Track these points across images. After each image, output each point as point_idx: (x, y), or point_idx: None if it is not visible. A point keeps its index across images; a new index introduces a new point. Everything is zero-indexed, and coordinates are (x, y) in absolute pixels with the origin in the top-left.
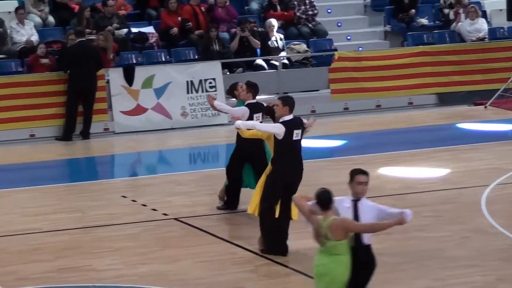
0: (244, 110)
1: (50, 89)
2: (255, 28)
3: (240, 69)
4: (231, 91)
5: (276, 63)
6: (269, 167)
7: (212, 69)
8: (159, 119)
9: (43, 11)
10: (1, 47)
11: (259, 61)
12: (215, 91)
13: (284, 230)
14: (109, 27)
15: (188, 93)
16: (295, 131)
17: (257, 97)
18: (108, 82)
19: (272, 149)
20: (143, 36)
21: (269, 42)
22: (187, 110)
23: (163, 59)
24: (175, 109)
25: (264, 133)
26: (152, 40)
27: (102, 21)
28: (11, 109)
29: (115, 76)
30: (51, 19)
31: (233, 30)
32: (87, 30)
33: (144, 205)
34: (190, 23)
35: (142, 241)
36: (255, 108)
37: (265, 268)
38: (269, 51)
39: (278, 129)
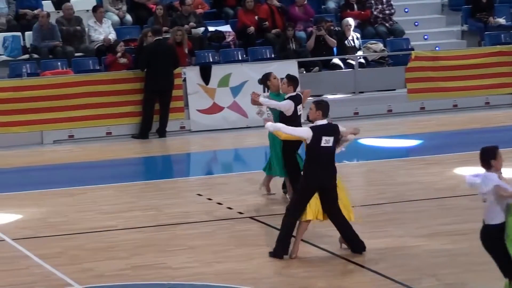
0: (289, 104)
1: (127, 87)
2: (331, 27)
3: (317, 68)
4: (264, 81)
5: (353, 62)
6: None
7: (289, 68)
8: (235, 118)
9: (121, 10)
10: (79, 45)
11: (336, 60)
12: None
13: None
14: (186, 26)
15: (264, 91)
16: (325, 138)
17: (334, 96)
18: (184, 80)
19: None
20: (220, 35)
21: (346, 42)
22: (263, 109)
23: (240, 58)
24: (251, 108)
25: (292, 136)
26: (229, 39)
27: (179, 20)
28: (88, 107)
29: (192, 74)
30: (128, 17)
31: (310, 29)
32: (164, 29)
33: (219, 204)
34: (266, 23)
35: (217, 239)
36: (297, 100)
37: (340, 268)
38: (345, 50)
39: (305, 133)
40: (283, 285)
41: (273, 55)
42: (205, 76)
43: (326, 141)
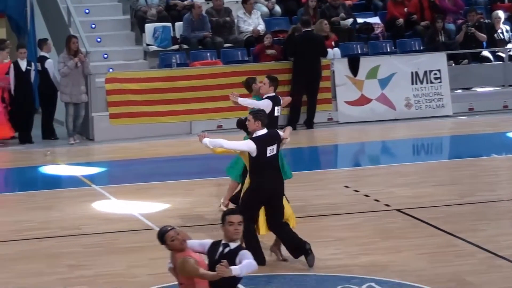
0: (268, 103)
1: None
2: (481, 20)
3: (466, 60)
4: (249, 85)
5: (503, 55)
6: (247, 182)
7: (437, 60)
8: (382, 110)
9: (270, 1)
10: (228, 36)
11: (485, 52)
12: (440, 82)
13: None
14: (335, 18)
15: (412, 84)
16: (269, 148)
17: (483, 89)
18: (333, 72)
19: (247, 164)
20: (369, 27)
21: (495, 34)
22: (411, 101)
23: (388, 50)
24: (399, 100)
25: (231, 151)
26: (378, 30)
27: (329, 11)
28: None
29: (340, 66)
30: (277, 8)
31: (459, 21)
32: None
33: (366, 196)
34: (415, 16)
35: (363, 231)
36: (276, 101)
37: (488, 262)
38: (495, 43)
39: (248, 147)
40: (431, 278)
41: (421, 47)
42: (354, 68)
43: (271, 150)
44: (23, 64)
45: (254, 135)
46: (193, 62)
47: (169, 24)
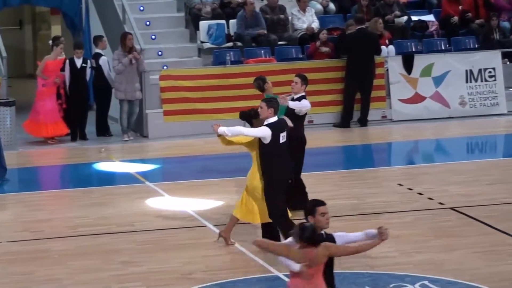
0: (308, 103)
1: (328, 76)
2: None
3: None
4: (260, 86)
5: None
6: (254, 177)
7: (492, 59)
8: (437, 108)
9: None
10: (282, 34)
11: None
12: (494, 80)
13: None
14: (389, 16)
15: (467, 82)
16: (281, 134)
17: None
18: (387, 70)
19: (256, 156)
20: (423, 24)
21: None
22: (466, 99)
23: (443, 48)
24: (454, 98)
25: (249, 138)
26: (432, 28)
27: (383, 9)
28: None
29: (394, 64)
30: (331, 6)
31: None
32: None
33: (420, 194)
34: (470, 13)
35: (417, 230)
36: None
37: None
38: None
39: (264, 133)
40: (485, 277)
41: (476, 45)
42: (408, 65)
43: (283, 137)
44: (78, 62)
45: (266, 122)
46: (247, 60)
47: (223, 21)
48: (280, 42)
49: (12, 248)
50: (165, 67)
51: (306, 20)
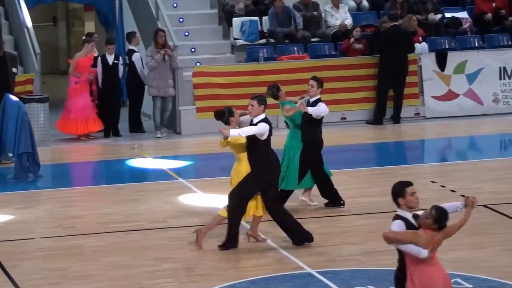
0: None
1: (362, 72)
2: None
3: None
4: (274, 94)
5: None
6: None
7: None
8: (470, 105)
9: None
10: (315, 30)
11: None
12: None
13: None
14: (423, 13)
15: (500, 79)
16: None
17: None
18: (420, 67)
19: (242, 154)
20: (457, 21)
21: None
22: (499, 96)
23: (476, 45)
24: (487, 95)
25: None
26: (466, 25)
27: (416, 6)
28: (323, 92)
29: (427, 61)
30: (365, 3)
31: None
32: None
33: (453, 191)
34: (503, 11)
35: None
36: None
37: None
38: None
39: (265, 128)
40: None
41: (510, 42)
42: (441, 62)
43: (271, 132)
44: (110, 58)
45: (258, 119)
46: (280, 56)
47: (256, 18)
48: (313, 39)
49: (45, 244)
50: (198, 64)
51: (340, 17)
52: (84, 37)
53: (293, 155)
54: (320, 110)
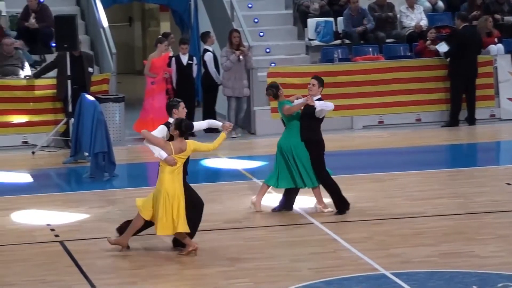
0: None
1: (436, 74)
2: None
3: None
4: (275, 94)
5: None
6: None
7: None
8: None
9: None
10: (390, 31)
11: None
12: None
13: None
14: (499, 14)
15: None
16: None
17: None
18: (496, 68)
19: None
20: None
21: None
22: None
23: None
24: None
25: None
26: None
27: (493, 6)
28: (398, 93)
29: (503, 62)
30: (440, 4)
31: None
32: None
33: None
34: None
35: None
36: None
37: None
38: None
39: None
40: None
41: None
42: None
43: None
44: (184, 58)
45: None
46: (355, 57)
47: (331, 18)
48: (388, 40)
49: None
50: (273, 64)
51: (415, 18)
52: (158, 37)
53: (302, 153)
54: (327, 105)
